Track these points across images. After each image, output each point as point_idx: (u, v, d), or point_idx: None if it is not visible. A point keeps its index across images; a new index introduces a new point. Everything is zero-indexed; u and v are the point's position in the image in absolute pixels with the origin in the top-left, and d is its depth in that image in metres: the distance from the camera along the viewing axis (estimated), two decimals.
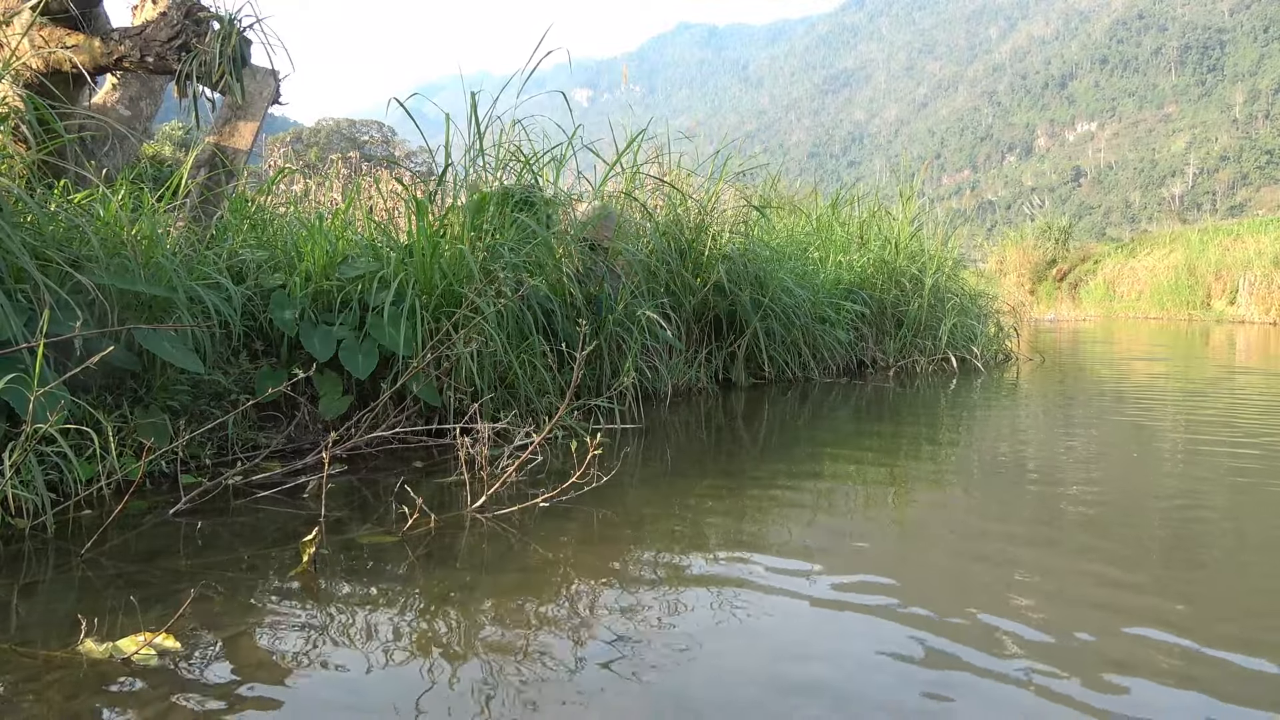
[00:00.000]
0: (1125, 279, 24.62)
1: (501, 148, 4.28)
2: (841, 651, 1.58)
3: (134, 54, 3.39)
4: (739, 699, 1.38)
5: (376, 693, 1.39)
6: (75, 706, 1.34)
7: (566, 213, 4.48)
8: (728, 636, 1.61)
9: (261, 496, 2.53)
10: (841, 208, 7.61)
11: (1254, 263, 19.36)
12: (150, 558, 2.02)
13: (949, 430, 4.15)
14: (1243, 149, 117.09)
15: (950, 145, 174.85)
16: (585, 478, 2.40)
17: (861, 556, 2.15)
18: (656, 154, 5.86)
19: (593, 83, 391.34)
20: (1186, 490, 2.84)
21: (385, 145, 40.13)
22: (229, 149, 3.86)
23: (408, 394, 3.25)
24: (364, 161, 10.00)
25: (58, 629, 1.60)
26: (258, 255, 3.40)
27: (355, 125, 44.91)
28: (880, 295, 6.77)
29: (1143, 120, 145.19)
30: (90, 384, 2.55)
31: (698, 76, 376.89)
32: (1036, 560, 2.09)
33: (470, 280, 3.46)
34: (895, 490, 2.90)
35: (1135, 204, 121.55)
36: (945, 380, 6.06)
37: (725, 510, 2.57)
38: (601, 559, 2.10)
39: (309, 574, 1.89)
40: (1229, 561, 2.12)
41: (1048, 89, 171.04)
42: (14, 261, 2.44)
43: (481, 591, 1.85)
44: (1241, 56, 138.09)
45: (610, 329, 4.15)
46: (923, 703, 1.37)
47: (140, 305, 2.78)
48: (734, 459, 3.35)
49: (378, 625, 1.66)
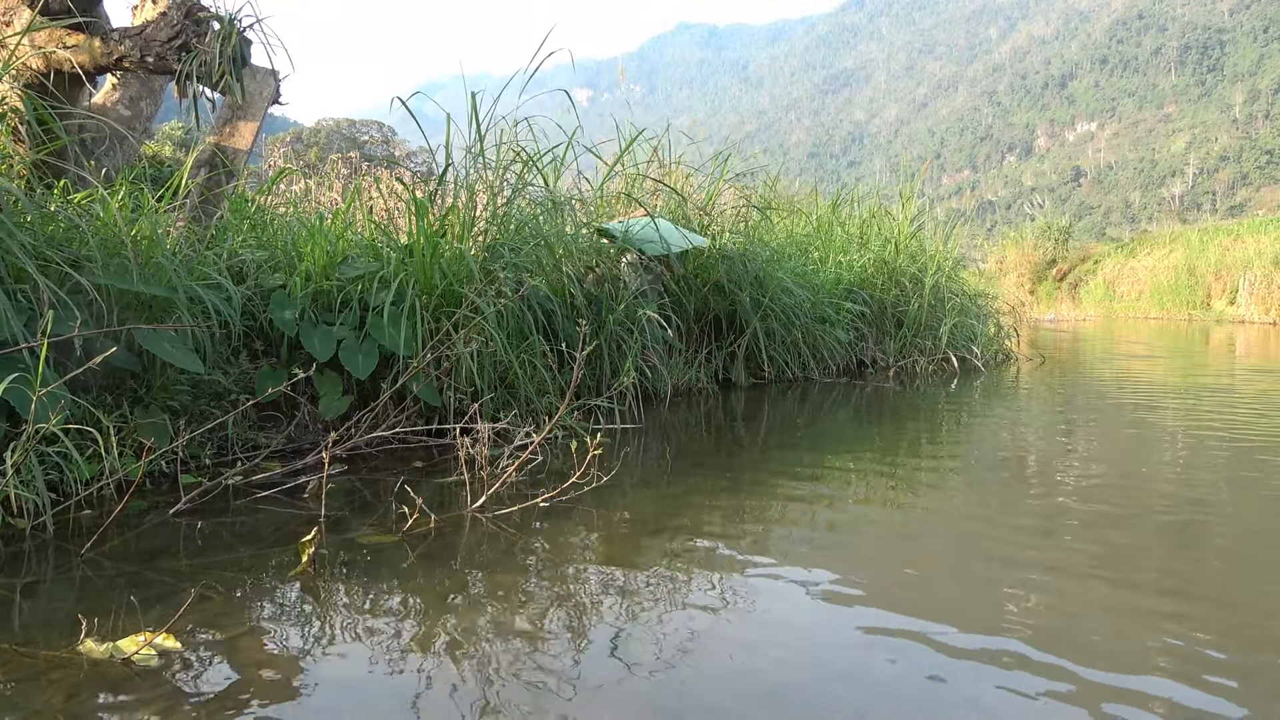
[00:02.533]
0: (1125, 279, 24.61)
1: (503, 147, 4.28)
2: (841, 651, 1.58)
3: (134, 54, 3.39)
4: (740, 699, 1.38)
5: (376, 693, 1.39)
6: (75, 706, 1.34)
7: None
8: (728, 636, 1.61)
9: (261, 496, 2.53)
10: (842, 208, 7.61)
11: (1254, 263, 19.36)
12: (150, 558, 2.02)
13: (949, 430, 4.15)
14: (1243, 149, 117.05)
15: (950, 145, 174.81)
16: (585, 478, 2.40)
17: (862, 556, 2.15)
18: (656, 154, 5.87)
19: (593, 83, 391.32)
20: (1187, 488, 2.84)
21: (385, 145, 40.12)
22: (229, 149, 3.86)
23: (408, 394, 3.25)
24: (364, 161, 10.00)
25: (58, 629, 1.60)
26: (258, 255, 3.40)
27: (355, 125, 44.88)
28: (880, 295, 6.77)
29: (1143, 120, 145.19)
30: (90, 384, 2.55)
31: (698, 76, 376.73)
32: (1037, 559, 2.09)
33: (470, 280, 3.46)
34: (895, 490, 2.90)
35: (1135, 204, 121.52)
36: (945, 380, 6.06)
37: (725, 510, 2.57)
38: (601, 559, 2.10)
39: (309, 574, 1.89)
40: (1230, 560, 2.12)
41: (1048, 89, 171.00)
42: (14, 261, 2.44)
43: (481, 591, 1.85)
44: (1241, 56, 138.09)
45: (610, 329, 4.15)
46: (923, 702, 1.37)
47: (140, 305, 2.78)
48: (734, 459, 3.35)
49: (377, 625, 1.66)
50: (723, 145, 6.11)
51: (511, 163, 4.28)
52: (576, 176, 5.32)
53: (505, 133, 4.35)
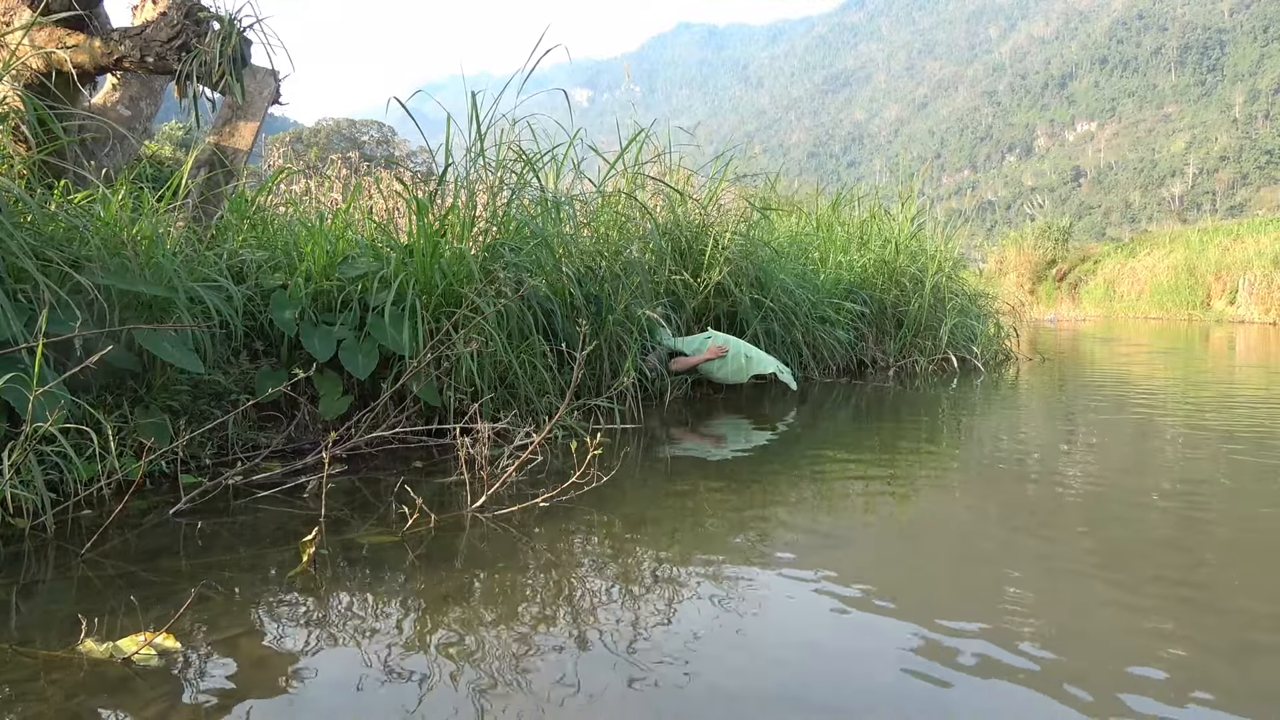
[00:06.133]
0: (1125, 279, 24.60)
1: (503, 147, 4.27)
2: (842, 652, 1.58)
3: (134, 54, 3.38)
4: (740, 699, 1.38)
5: (376, 693, 1.39)
6: (75, 706, 1.34)
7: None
8: (728, 636, 1.61)
9: (261, 496, 2.53)
10: (842, 208, 7.61)
11: (1254, 263, 19.36)
12: (150, 558, 2.02)
13: (949, 429, 4.15)
14: (1243, 149, 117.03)
15: (950, 145, 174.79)
16: (585, 478, 2.40)
17: (862, 556, 2.15)
18: (657, 154, 5.86)
19: (593, 83, 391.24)
20: (1187, 488, 2.83)
21: (385, 145, 40.10)
22: (229, 149, 3.86)
23: (408, 394, 3.25)
24: (364, 161, 9.99)
25: (58, 629, 1.60)
26: (258, 255, 3.40)
27: (355, 125, 44.85)
28: (880, 295, 6.77)
29: (1143, 120, 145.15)
30: (90, 384, 2.55)
31: (698, 76, 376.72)
32: (1037, 559, 2.09)
33: (470, 280, 3.46)
34: (896, 490, 2.90)
35: (1135, 204, 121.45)
36: (945, 380, 6.06)
37: (725, 510, 2.57)
38: (601, 559, 2.10)
39: (309, 574, 1.89)
40: (1230, 559, 2.12)
41: (1048, 89, 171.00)
42: (14, 261, 2.44)
43: (481, 591, 1.85)
44: (1241, 56, 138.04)
45: (610, 329, 4.15)
46: (923, 703, 1.37)
47: (140, 305, 2.78)
48: (734, 458, 3.35)
49: (377, 625, 1.66)
50: (723, 145, 6.10)
51: (513, 163, 4.28)
52: (577, 176, 5.31)
53: (505, 132, 4.34)
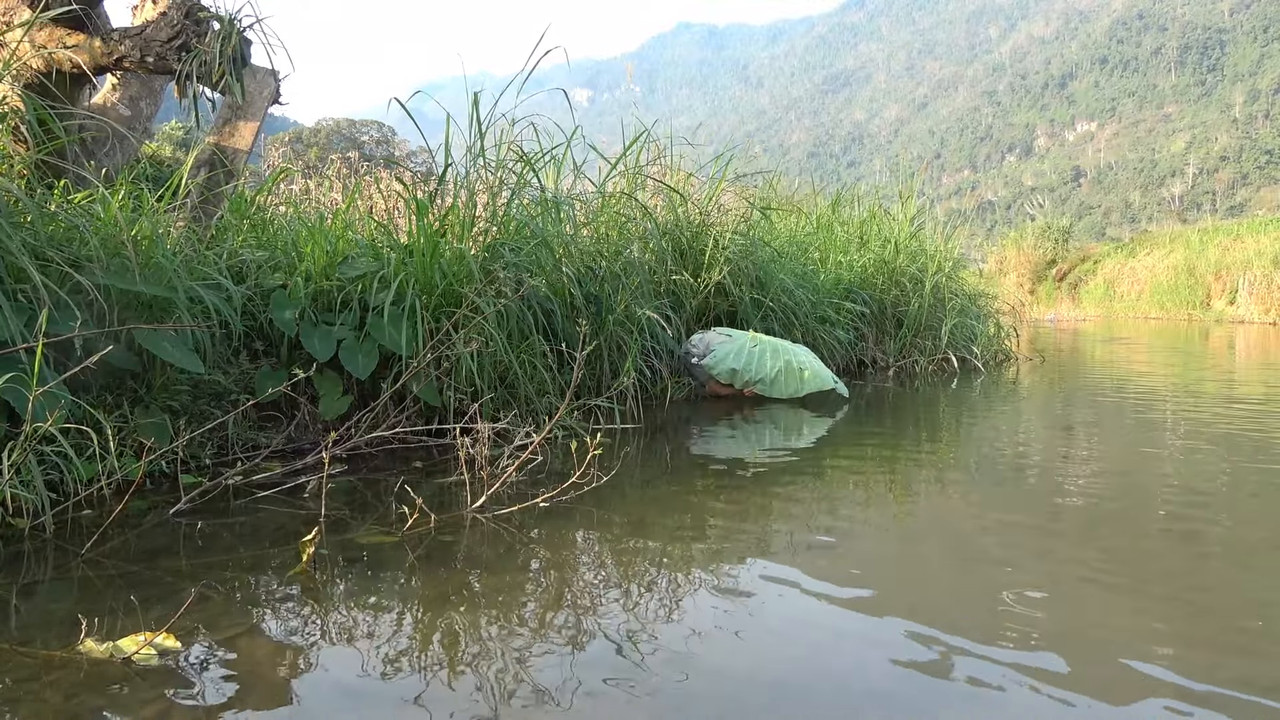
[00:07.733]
0: (1125, 279, 24.61)
1: (503, 147, 4.27)
2: (841, 652, 1.58)
3: (134, 54, 3.38)
4: (740, 699, 1.38)
5: (376, 693, 1.39)
6: (75, 706, 1.34)
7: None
8: (728, 637, 1.61)
9: (261, 496, 2.53)
10: (842, 208, 7.61)
11: (1254, 263, 19.36)
12: (150, 558, 2.02)
13: (949, 429, 4.15)
14: (1243, 149, 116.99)
15: (950, 145, 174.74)
16: (585, 478, 2.40)
17: (862, 556, 2.15)
18: (658, 154, 5.86)
19: (593, 83, 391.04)
20: (1186, 488, 2.84)
21: (385, 145, 40.10)
22: (229, 149, 3.86)
23: (408, 394, 3.25)
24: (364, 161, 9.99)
25: (58, 629, 1.60)
26: (258, 255, 3.40)
27: (355, 125, 44.85)
28: (880, 295, 6.77)
29: (1143, 120, 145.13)
30: (90, 384, 2.55)
31: (698, 76, 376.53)
32: (1037, 559, 2.09)
33: (470, 280, 3.46)
34: (895, 490, 2.90)
35: (1135, 204, 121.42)
36: (945, 380, 6.06)
37: (725, 510, 2.57)
38: (601, 559, 2.10)
39: (309, 574, 1.89)
40: (1230, 559, 2.12)
41: (1048, 89, 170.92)
42: (14, 261, 2.44)
43: (481, 591, 1.85)
44: (1241, 56, 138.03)
45: (610, 329, 4.14)
46: (923, 703, 1.37)
47: (140, 305, 2.78)
48: (734, 459, 3.35)
49: (377, 625, 1.66)
50: (723, 146, 6.10)
51: (515, 163, 4.28)
52: (578, 176, 5.31)
53: (505, 132, 4.34)
